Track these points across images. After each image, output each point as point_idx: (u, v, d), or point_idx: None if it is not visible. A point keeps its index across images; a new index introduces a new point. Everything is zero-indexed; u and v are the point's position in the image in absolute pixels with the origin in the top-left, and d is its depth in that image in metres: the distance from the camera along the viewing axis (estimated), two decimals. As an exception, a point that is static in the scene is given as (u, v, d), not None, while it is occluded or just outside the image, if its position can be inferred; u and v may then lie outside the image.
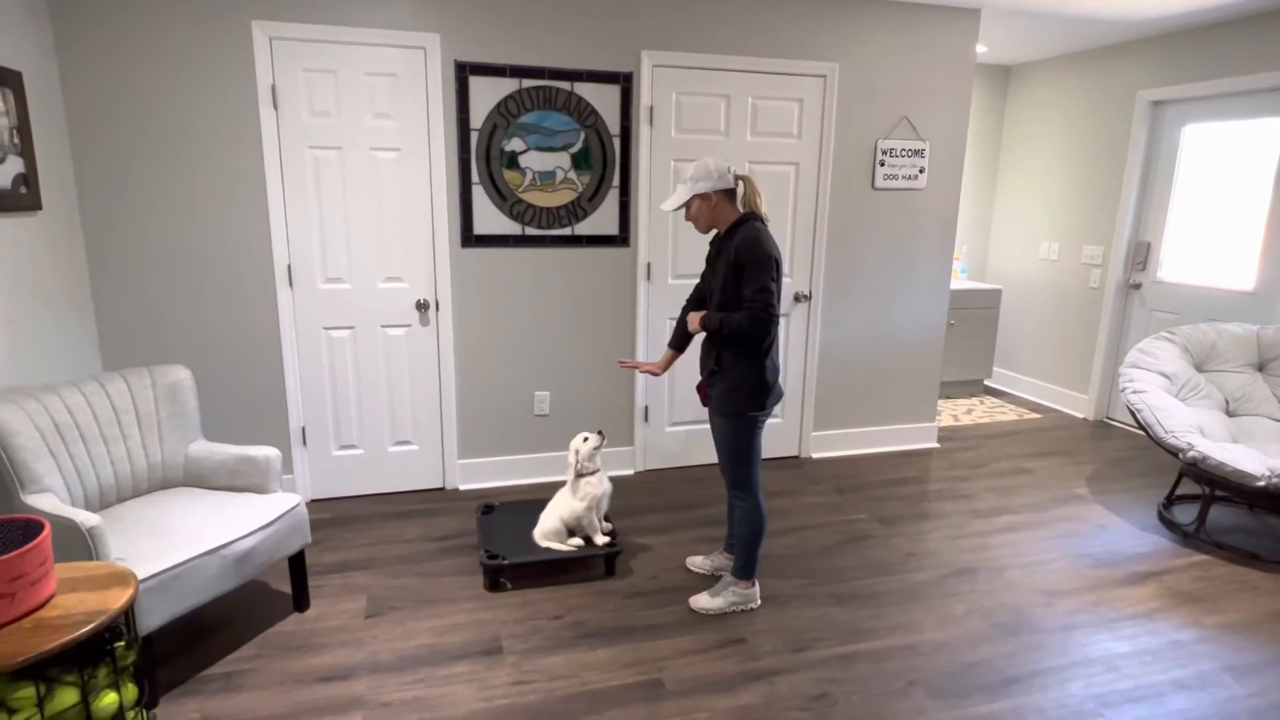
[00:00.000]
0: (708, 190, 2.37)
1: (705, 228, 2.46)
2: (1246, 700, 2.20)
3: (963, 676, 2.29)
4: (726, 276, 2.36)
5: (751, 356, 2.40)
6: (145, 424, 2.55)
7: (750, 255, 2.30)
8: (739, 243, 2.32)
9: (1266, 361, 3.57)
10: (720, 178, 2.37)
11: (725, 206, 2.41)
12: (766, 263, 2.30)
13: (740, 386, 2.41)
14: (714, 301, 2.44)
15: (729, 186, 2.39)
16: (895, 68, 3.84)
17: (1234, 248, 4.18)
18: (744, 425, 2.46)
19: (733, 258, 2.33)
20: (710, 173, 2.37)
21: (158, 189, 3.05)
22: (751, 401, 2.42)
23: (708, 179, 2.37)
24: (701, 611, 2.61)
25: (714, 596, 2.63)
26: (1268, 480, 2.90)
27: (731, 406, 2.44)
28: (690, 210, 2.44)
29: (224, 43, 2.99)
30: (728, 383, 2.43)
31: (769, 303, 2.29)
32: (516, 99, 3.34)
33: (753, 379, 2.41)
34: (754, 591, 2.64)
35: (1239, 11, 3.87)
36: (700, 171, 2.37)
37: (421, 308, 3.44)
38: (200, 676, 2.23)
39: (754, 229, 2.34)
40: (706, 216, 2.43)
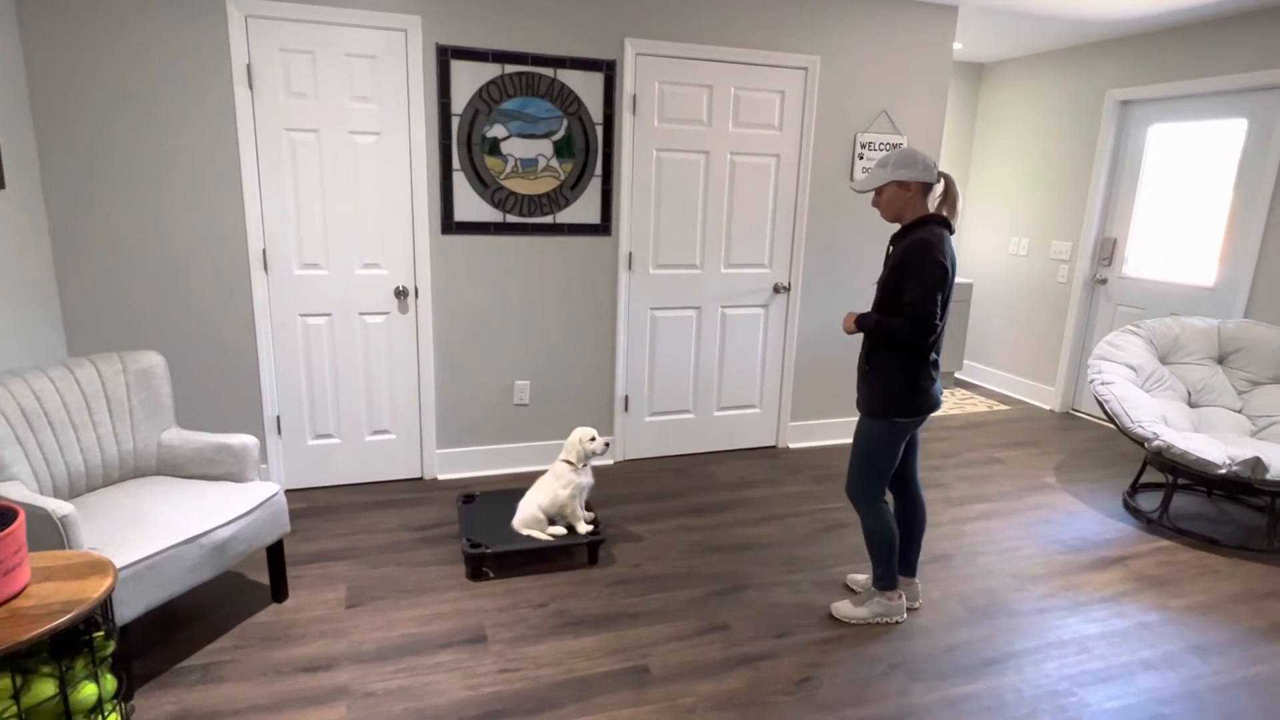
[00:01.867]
0: (909, 179, 2.25)
1: (892, 217, 2.33)
2: (1211, 678, 2.28)
3: (942, 659, 2.34)
4: (890, 276, 2.26)
5: (907, 359, 2.28)
6: (116, 411, 2.48)
7: (918, 260, 2.18)
8: (911, 244, 2.21)
9: (1226, 354, 3.69)
10: (925, 170, 2.25)
11: (919, 200, 2.28)
12: (934, 270, 2.16)
13: (891, 389, 2.30)
14: (882, 295, 2.32)
15: (931, 180, 2.27)
16: (875, 62, 3.88)
17: (1196, 245, 4.32)
18: (888, 430, 2.34)
19: (900, 259, 2.23)
20: (916, 162, 2.25)
21: (127, 170, 2.95)
22: (900, 405, 2.30)
23: (911, 168, 2.25)
24: (844, 619, 2.52)
25: (858, 606, 2.53)
26: (1228, 468, 3.01)
27: (879, 408, 2.33)
28: (883, 196, 2.31)
29: (197, 19, 2.91)
30: (878, 384, 2.33)
31: (930, 311, 2.16)
32: (499, 85, 3.31)
33: (905, 382, 2.29)
34: (900, 604, 2.52)
35: (1204, 15, 3.98)
36: (905, 159, 2.25)
37: (400, 295, 3.39)
38: (177, 668, 2.18)
39: (931, 232, 2.21)
40: (898, 206, 2.29)
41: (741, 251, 3.89)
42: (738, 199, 3.81)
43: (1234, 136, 4.08)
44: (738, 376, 4.05)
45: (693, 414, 4.02)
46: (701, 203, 3.76)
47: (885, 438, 2.36)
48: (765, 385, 4.12)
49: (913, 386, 2.29)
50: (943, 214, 2.28)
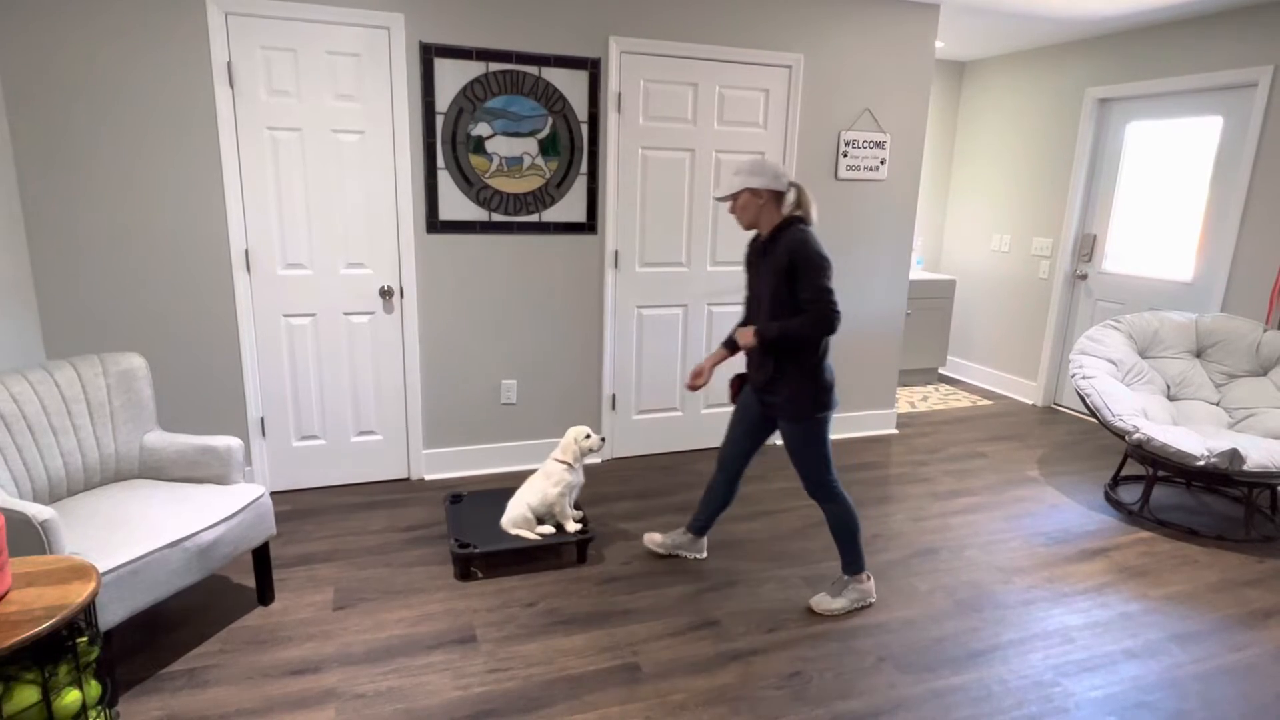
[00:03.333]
0: (761, 187, 2.35)
1: (748, 223, 2.43)
2: (1191, 666, 2.32)
3: (929, 651, 2.36)
4: (777, 281, 2.33)
5: (809, 360, 2.38)
6: (97, 414, 2.44)
7: (804, 256, 2.28)
8: (789, 245, 2.30)
9: (1204, 348, 3.76)
10: (775, 178, 2.36)
11: (771, 208, 2.39)
12: (823, 263, 2.28)
13: (804, 391, 2.39)
14: (764, 308, 2.41)
15: (781, 189, 2.37)
16: (858, 60, 3.91)
17: (1174, 241, 4.38)
18: (814, 428, 2.43)
19: (784, 261, 2.31)
20: (766, 170, 2.35)
21: (106, 169, 2.91)
22: (817, 403, 2.41)
23: (762, 175, 2.35)
24: (824, 612, 2.56)
25: (835, 597, 2.58)
26: (1206, 460, 3.06)
27: (800, 411, 2.41)
28: (738, 202, 2.40)
29: (176, 16, 2.87)
30: (790, 390, 2.41)
31: (833, 302, 2.26)
32: (483, 83, 3.29)
33: (815, 381, 2.39)
34: (870, 586, 2.61)
35: (1180, 14, 4.04)
36: (756, 167, 2.36)
37: (385, 295, 3.37)
38: (162, 673, 2.16)
39: (802, 231, 2.32)
40: (752, 212, 2.40)
41: (727, 249, 3.90)
42: (723, 197, 3.82)
43: (1210, 133, 4.15)
44: (725, 374, 4.06)
45: (680, 412, 4.03)
46: (687, 201, 3.76)
47: (817, 433, 2.45)
48: (752, 382, 4.13)
49: (828, 381, 2.42)
50: (799, 215, 2.39)
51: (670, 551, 2.91)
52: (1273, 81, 3.76)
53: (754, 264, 2.49)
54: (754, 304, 2.52)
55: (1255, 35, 3.82)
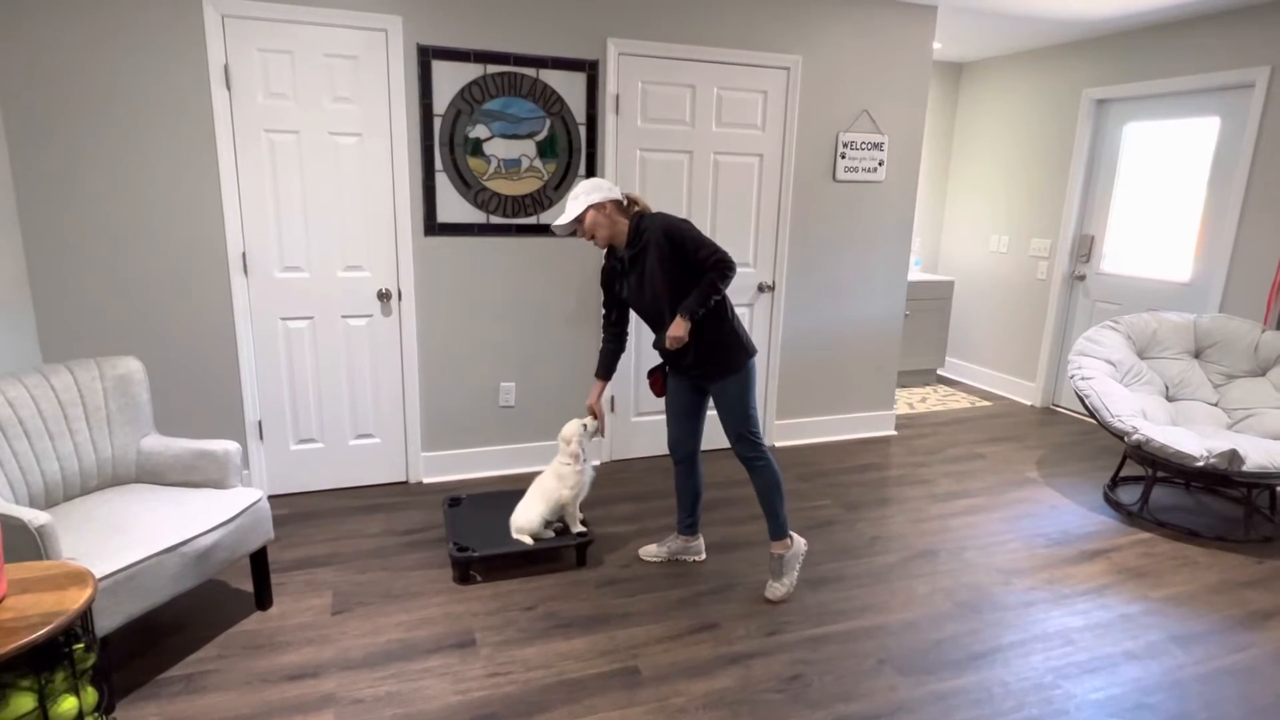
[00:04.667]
0: (602, 199, 2.43)
1: (605, 239, 2.50)
2: (1192, 667, 2.32)
3: (930, 653, 2.36)
4: (667, 268, 2.42)
5: (723, 315, 2.50)
6: (94, 418, 2.43)
7: (678, 232, 2.39)
8: (659, 231, 2.41)
9: (1202, 349, 3.76)
10: (609, 189, 2.46)
11: (618, 217, 2.48)
12: (689, 226, 2.41)
13: (733, 345, 2.50)
14: (663, 301, 2.47)
15: (618, 198, 2.48)
16: (856, 62, 3.91)
17: (1171, 241, 4.39)
18: (748, 374, 2.54)
19: (665, 247, 2.40)
20: (600, 186, 2.45)
21: (102, 171, 2.90)
22: (746, 349, 2.53)
23: (598, 190, 2.44)
24: (779, 599, 2.62)
25: (779, 579, 2.65)
26: (1205, 460, 3.06)
27: (734, 363, 2.51)
28: (585, 224, 2.46)
29: (172, 18, 2.86)
30: (720, 349, 2.50)
31: (721, 250, 2.38)
32: (481, 85, 3.29)
33: (734, 333, 2.51)
34: (799, 542, 2.69)
35: (1176, 15, 4.05)
36: (590, 186, 2.45)
37: (383, 297, 3.36)
38: (159, 679, 2.15)
39: (656, 216, 2.44)
40: (604, 227, 2.47)
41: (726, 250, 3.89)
42: (722, 199, 3.82)
43: (1207, 134, 4.15)
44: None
45: (679, 414, 4.02)
46: (686, 203, 3.76)
47: (748, 382, 2.54)
48: (751, 384, 4.12)
49: (741, 337, 2.53)
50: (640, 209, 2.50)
51: (669, 558, 2.90)
52: (1270, 82, 3.77)
53: (625, 276, 2.55)
54: (645, 310, 2.55)
55: (1252, 36, 3.83)
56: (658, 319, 2.55)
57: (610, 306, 2.66)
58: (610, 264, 2.59)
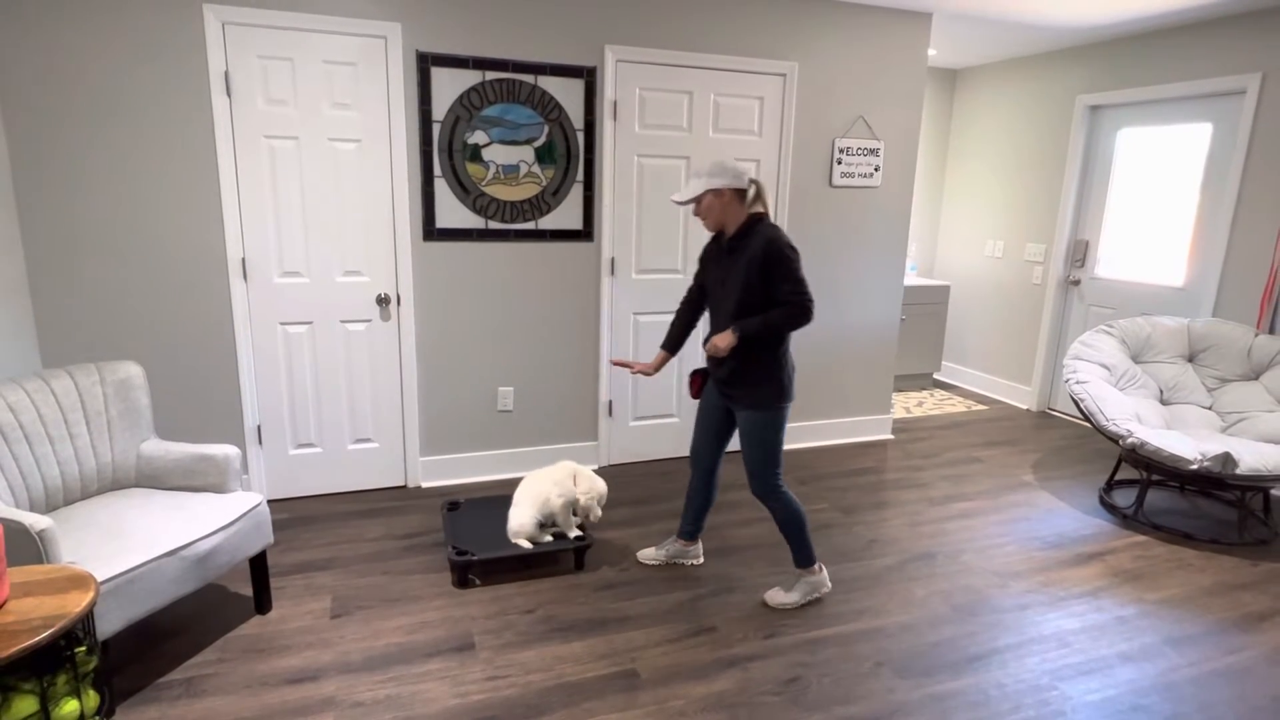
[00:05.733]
0: (723, 186, 2.38)
1: (715, 224, 2.47)
2: (1186, 669, 2.34)
3: (927, 656, 2.37)
4: (749, 276, 2.36)
5: (775, 351, 2.43)
6: (94, 423, 2.44)
7: (779, 253, 2.33)
8: (763, 243, 2.34)
9: (1196, 353, 3.78)
10: (736, 176, 2.39)
11: (736, 206, 2.43)
12: (796, 258, 2.35)
13: (770, 381, 2.44)
14: (731, 302, 2.43)
15: (743, 186, 2.41)
16: (852, 68, 3.94)
17: (1165, 246, 4.42)
18: (777, 418, 2.47)
19: (760, 258, 2.34)
20: (727, 170, 2.38)
21: (102, 176, 2.91)
22: (782, 394, 2.45)
23: (724, 175, 2.38)
24: (778, 607, 2.61)
25: (788, 592, 2.63)
26: (1199, 463, 3.08)
27: (764, 400, 2.45)
28: (701, 205, 2.44)
29: (173, 25, 2.88)
30: (756, 379, 2.44)
31: (809, 296, 2.34)
32: (479, 91, 3.31)
33: (779, 372, 2.44)
34: (823, 577, 2.66)
35: (1169, 22, 4.09)
36: (717, 168, 2.38)
37: (382, 302, 3.37)
38: (159, 683, 2.15)
39: (773, 228, 2.37)
40: (717, 212, 2.43)
41: (723, 256, 3.91)
42: (719, 204, 3.84)
43: (1200, 140, 4.19)
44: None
45: (677, 418, 4.04)
46: (683, 208, 3.78)
47: (777, 424, 2.49)
48: (748, 388, 4.14)
49: (785, 375, 2.46)
50: (760, 212, 2.44)
51: (667, 561, 2.91)
52: (1261, 89, 3.81)
53: (717, 262, 2.51)
54: (716, 302, 2.52)
55: (1243, 43, 3.87)
56: (719, 317, 2.52)
57: (697, 283, 2.66)
58: (712, 246, 2.56)
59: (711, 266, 2.54)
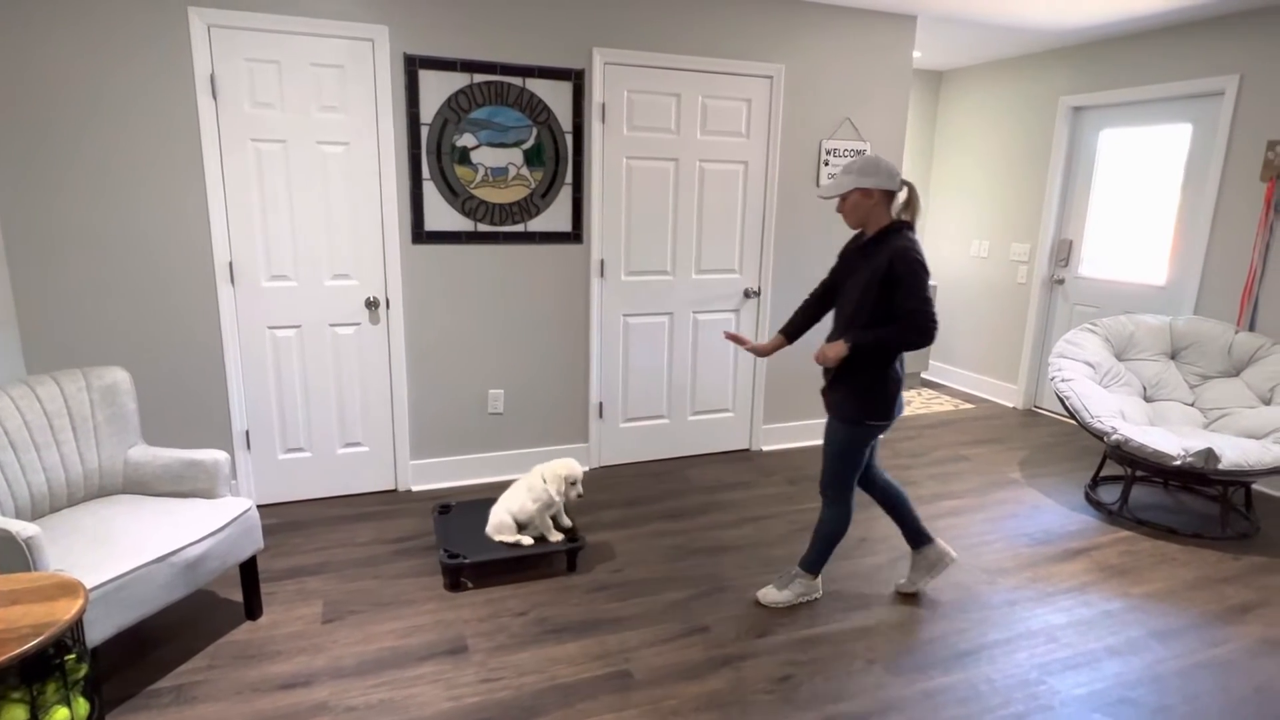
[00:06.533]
0: (873, 187, 2.31)
1: (856, 223, 2.40)
2: (1172, 662, 2.37)
3: (918, 653, 2.39)
4: (872, 285, 2.29)
5: (887, 367, 2.36)
6: (80, 429, 2.42)
7: (908, 268, 2.23)
8: (894, 254, 2.25)
9: (1178, 350, 3.84)
10: (889, 177, 2.31)
11: (882, 208, 2.35)
12: (924, 274, 2.25)
13: (868, 394, 2.37)
14: (849, 306, 2.38)
15: (893, 188, 2.33)
16: (838, 70, 3.97)
17: (1147, 245, 4.48)
18: (862, 434, 2.41)
19: (885, 267, 2.26)
20: (879, 169, 2.31)
21: (86, 180, 2.89)
22: (877, 410, 2.37)
23: (875, 175, 2.31)
24: (770, 605, 2.62)
25: (781, 590, 2.64)
26: (1182, 459, 3.12)
27: (855, 413, 2.39)
28: (847, 202, 2.37)
29: (157, 28, 2.86)
30: (854, 389, 2.38)
31: (932, 314, 2.23)
32: (468, 94, 3.31)
33: (881, 388, 2.36)
34: (818, 583, 2.66)
35: (1150, 25, 4.15)
36: (869, 166, 2.31)
37: (371, 306, 3.36)
38: (149, 690, 2.14)
39: (908, 239, 2.29)
40: (862, 212, 2.36)
41: (712, 257, 3.94)
42: (707, 205, 3.86)
43: (1180, 141, 4.25)
44: (711, 381, 4.09)
45: (667, 419, 4.05)
46: (671, 210, 3.80)
47: (861, 441, 2.43)
48: (738, 389, 4.16)
49: (888, 392, 2.38)
50: (905, 219, 2.37)
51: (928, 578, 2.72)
52: (1239, 90, 3.87)
53: (850, 262, 2.45)
54: (840, 303, 2.47)
55: (1222, 45, 3.93)
56: (839, 320, 2.47)
57: (831, 279, 2.59)
58: (852, 244, 2.49)
59: (845, 265, 2.48)
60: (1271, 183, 3.73)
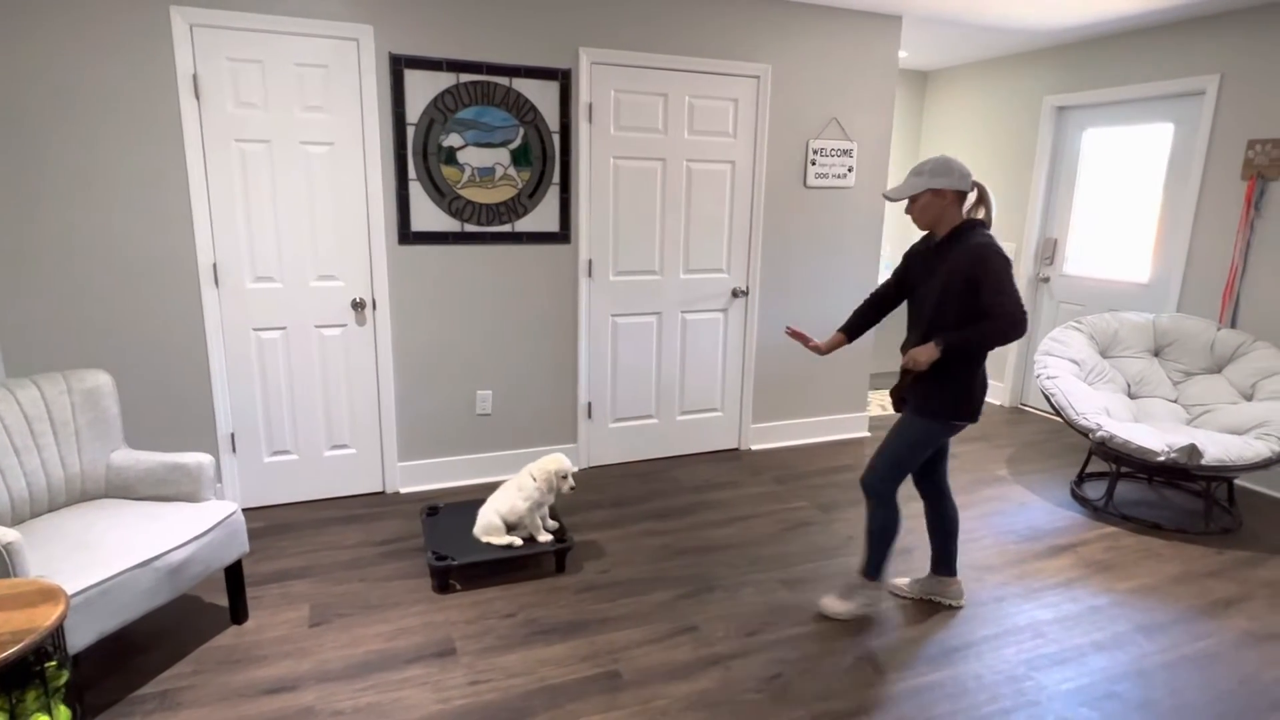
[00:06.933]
0: (945, 187, 2.28)
1: (927, 224, 2.36)
2: (1157, 656, 2.39)
3: (906, 650, 2.40)
4: (952, 284, 2.25)
5: (977, 365, 2.32)
6: (62, 433, 2.39)
7: (991, 263, 2.18)
8: (974, 251, 2.21)
9: (1162, 347, 3.87)
10: (961, 178, 2.28)
11: (954, 209, 2.31)
12: (1008, 267, 2.19)
13: (950, 392, 2.32)
14: (928, 308, 2.33)
15: (965, 189, 2.30)
16: (824, 70, 3.98)
17: (1131, 243, 4.52)
18: (939, 431, 2.37)
19: (966, 266, 2.21)
20: (952, 170, 2.28)
21: (67, 181, 2.85)
22: (963, 409, 2.33)
23: (948, 176, 2.27)
24: (833, 615, 2.55)
25: (845, 600, 2.56)
26: (1166, 455, 3.15)
27: (941, 409, 2.33)
28: (917, 204, 2.33)
29: (139, 26, 2.83)
30: (944, 386, 2.32)
31: (1020, 307, 2.16)
32: (454, 94, 3.29)
33: (965, 386, 2.31)
34: (881, 594, 2.56)
35: (1132, 25, 4.19)
36: (941, 167, 2.28)
37: (358, 307, 3.34)
38: (133, 697, 2.11)
39: (985, 235, 2.24)
40: (934, 214, 2.32)
41: (700, 257, 3.94)
42: (694, 205, 3.86)
43: (1162, 139, 4.29)
44: (699, 381, 4.09)
45: (656, 419, 4.05)
46: (659, 209, 3.80)
47: (931, 438, 2.38)
48: (726, 389, 4.17)
49: (975, 392, 2.33)
50: (984, 219, 2.33)
51: (921, 597, 2.70)
52: (1220, 89, 3.91)
53: (922, 263, 2.40)
54: (914, 306, 2.43)
55: (1203, 45, 3.97)
56: (916, 323, 2.42)
57: (895, 280, 2.54)
58: (920, 245, 2.45)
59: (916, 267, 2.44)
60: (1252, 181, 3.77)
